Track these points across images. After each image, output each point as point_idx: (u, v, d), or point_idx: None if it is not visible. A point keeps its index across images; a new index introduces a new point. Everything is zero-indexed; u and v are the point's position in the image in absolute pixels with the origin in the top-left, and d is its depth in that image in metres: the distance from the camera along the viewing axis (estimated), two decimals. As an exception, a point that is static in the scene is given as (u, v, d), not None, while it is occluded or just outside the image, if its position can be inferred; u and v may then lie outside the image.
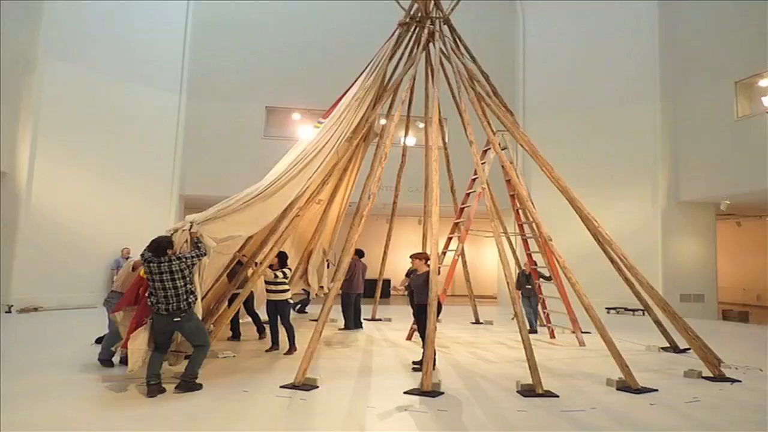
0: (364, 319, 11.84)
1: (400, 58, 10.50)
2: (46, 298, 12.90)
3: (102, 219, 14.22)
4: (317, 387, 6.16)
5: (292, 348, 8.20)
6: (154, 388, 5.71)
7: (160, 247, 5.96)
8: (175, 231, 6.32)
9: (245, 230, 7.34)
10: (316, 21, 16.99)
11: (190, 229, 6.32)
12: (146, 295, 6.01)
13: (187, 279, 5.97)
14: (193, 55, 16.35)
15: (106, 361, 6.94)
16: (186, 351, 6.50)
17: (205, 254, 6.33)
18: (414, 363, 7.50)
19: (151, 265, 5.87)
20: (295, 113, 17.11)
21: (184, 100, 16.16)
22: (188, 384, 5.91)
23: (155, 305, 5.87)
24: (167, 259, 5.90)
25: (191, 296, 6.02)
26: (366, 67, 9.89)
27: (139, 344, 5.91)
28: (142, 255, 6.07)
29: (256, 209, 7.23)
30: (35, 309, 12.47)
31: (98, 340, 8.51)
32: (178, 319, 5.90)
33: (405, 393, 6.02)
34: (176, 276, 5.87)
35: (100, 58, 14.52)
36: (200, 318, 6.29)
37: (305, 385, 6.15)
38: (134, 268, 6.85)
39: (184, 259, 5.96)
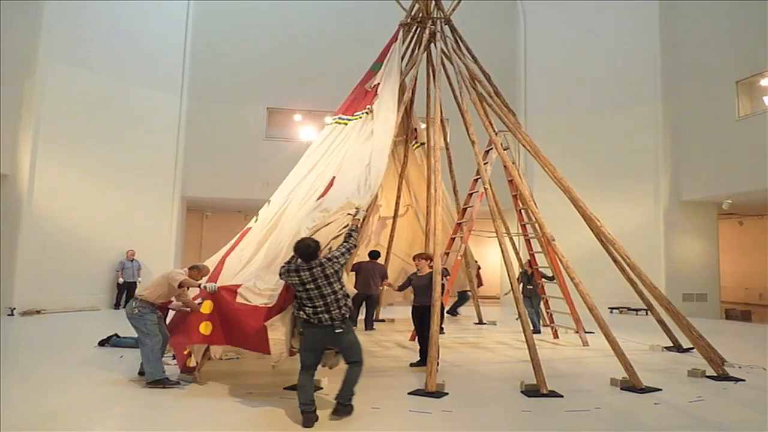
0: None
1: (401, 59, 10.49)
2: (48, 300, 12.89)
3: (104, 221, 14.24)
4: (321, 388, 6.16)
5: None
6: (312, 416, 4.97)
7: (310, 250, 5.23)
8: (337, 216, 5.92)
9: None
10: (317, 22, 16.99)
11: (355, 215, 5.86)
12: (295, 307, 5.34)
13: (342, 281, 5.32)
14: (194, 56, 16.36)
15: (159, 380, 6.13)
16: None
17: (356, 246, 5.75)
18: (412, 365, 7.50)
19: (303, 273, 5.14)
20: (296, 114, 17.12)
21: (186, 101, 16.17)
22: (346, 408, 5.20)
23: (313, 317, 5.08)
24: (319, 262, 5.19)
25: (348, 300, 5.29)
26: (382, 70, 9.70)
27: (279, 335, 5.42)
28: (289, 263, 5.35)
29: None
30: (38, 312, 12.47)
31: (102, 343, 8.54)
32: (340, 330, 5.10)
33: (409, 394, 6.01)
34: (332, 279, 5.18)
35: (100, 60, 14.53)
36: None
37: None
38: (180, 285, 6.37)
39: (335, 259, 5.29)
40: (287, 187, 8.35)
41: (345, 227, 5.90)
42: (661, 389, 6.39)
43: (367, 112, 8.79)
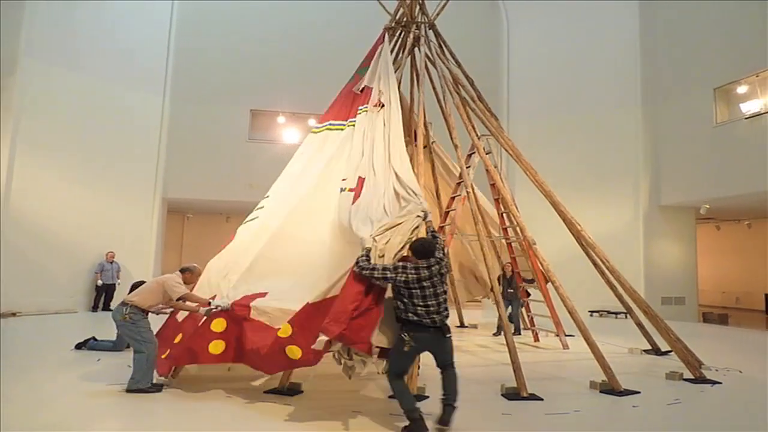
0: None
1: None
2: (24, 303, 12.63)
3: (82, 222, 14.02)
4: (302, 392, 6.13)
5: None
6: (423, 421, 4.89)
7: (427, 250, 5.18)
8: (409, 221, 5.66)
9: None
10: (302, 25, 16.94)
11: (425, 219, 5.73)
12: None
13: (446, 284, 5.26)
14: (177, 57, 16.20)
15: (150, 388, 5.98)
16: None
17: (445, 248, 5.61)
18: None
19: (422, 270, 5.03)
20: (280, 117, 17.06)
21: (168, 102, 16.00)
22: (454, 408, 5.07)
23: (426, 318, 4.96)
24: (436, 260, 5.14)
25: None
26: (371, 72, 9.67)
27: (380, 341, 5.15)
28: (403, 266, 5.10)
29: None
30: (14, 314, 12.25)
31: (78, 346, 8.40)
32: (450, 334, 5.13)
33: (389, 397, 6.00)
34: (444, 279, 5.16)
35: (82, 59, 14.34)
36: None
37: (289, 389, 6.11)
38: (180, 300, 6.23)
39: (444, 260, 5.23)
40: (284, 196, 8.34)
41: (415, 229, 5.65)
42: (639, 392, 6.46)
43: (366, 111, 8.77)
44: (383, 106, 8.52)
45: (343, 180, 7.45)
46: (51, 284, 13.35)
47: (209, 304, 6.17)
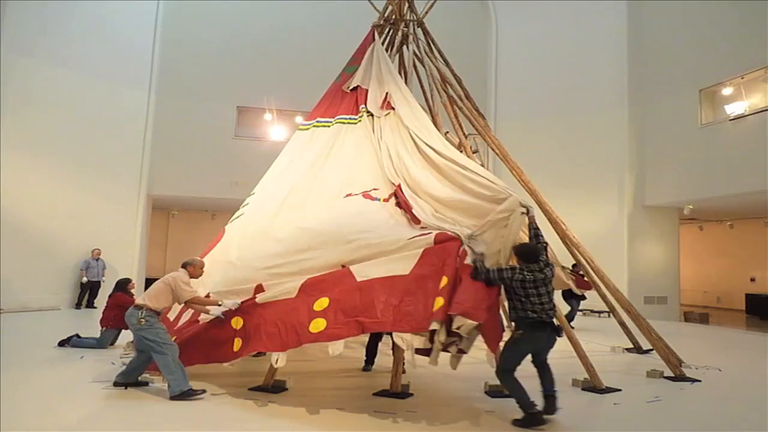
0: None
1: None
2: (7, 300, 12.46)
3: (66, 218, 13.88)
4: (286, 389, 6.13)
5: None
6: (540, 414, 5.12)
7: (533, 253, 5.34)
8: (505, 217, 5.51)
9: None
10: (289, 21, 16.87)
11: (528, 214, 5.58)
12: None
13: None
14: (163, 52, 16.04)
15: (185, 391, 5.64)
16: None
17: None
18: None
19: (546, 270, 5.27)
20: (267, 114, 16.98)
21: (153, 98, 15.84)
22: (556, 398, 5.34)
23: (545, 315, 5.20)
24: (545, 263, 5.33)
25: None
26: (364, 71, 9.64)
27: (442, 338, 5.12)
28: (513, 268, 5.25)
29: None
30: (-4, 310, 12.10)
31: (62, 343, 8.32)
32: (560, 335, 5.37)
33: (374, 395, 6.03)
34: (551, 281, 5.36)
35: (66, 54, 14.18)
36: None
37: (274, 387, 6.11)
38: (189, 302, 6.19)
39: (551, 265, 5.45)
40: (270, 193, 8.36)
41: (504, 227, 5.56)
42: (620, 389, 6.55)
43: (368, 114, 8.79)
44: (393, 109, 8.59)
45: (375, 189, 7.42)
46: (34, 281, 13.18)
47: (219, 304, 6.11)
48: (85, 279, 13.86)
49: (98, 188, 14.59)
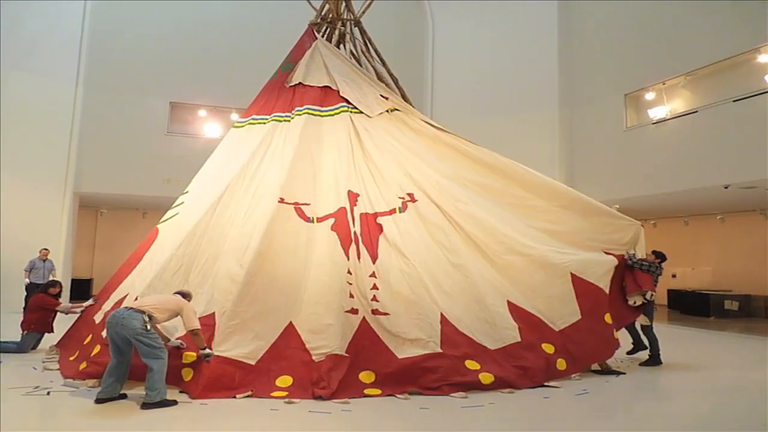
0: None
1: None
2: None
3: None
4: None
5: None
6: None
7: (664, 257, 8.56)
8: None
9: None
10: (224, 17, 16.42)
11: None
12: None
13: None
14: (92, 44, 15.21)
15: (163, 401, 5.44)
16: None
17: None
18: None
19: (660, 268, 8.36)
20: (201, 110, 16.52)
21: (81, 91, 15.02)
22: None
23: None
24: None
25: None
26: (326, 71, 9.57)
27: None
28: (651, 262, 8.22)
29: None
30: None
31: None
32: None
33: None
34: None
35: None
36: None
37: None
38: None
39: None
40: (204, 191, 8.22)
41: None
42: (551, 385, 6.76)
43: (346, 110, 8.95)
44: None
45: (307, 205, 7.65)
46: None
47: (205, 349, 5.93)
48: (27, 281, 12.43)
49: (20, 185, 13.74)
